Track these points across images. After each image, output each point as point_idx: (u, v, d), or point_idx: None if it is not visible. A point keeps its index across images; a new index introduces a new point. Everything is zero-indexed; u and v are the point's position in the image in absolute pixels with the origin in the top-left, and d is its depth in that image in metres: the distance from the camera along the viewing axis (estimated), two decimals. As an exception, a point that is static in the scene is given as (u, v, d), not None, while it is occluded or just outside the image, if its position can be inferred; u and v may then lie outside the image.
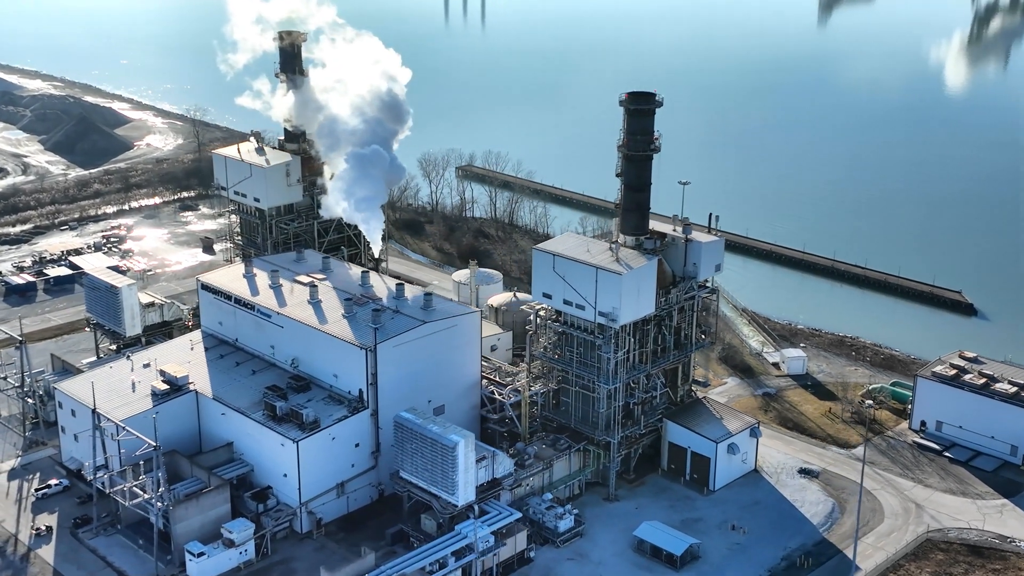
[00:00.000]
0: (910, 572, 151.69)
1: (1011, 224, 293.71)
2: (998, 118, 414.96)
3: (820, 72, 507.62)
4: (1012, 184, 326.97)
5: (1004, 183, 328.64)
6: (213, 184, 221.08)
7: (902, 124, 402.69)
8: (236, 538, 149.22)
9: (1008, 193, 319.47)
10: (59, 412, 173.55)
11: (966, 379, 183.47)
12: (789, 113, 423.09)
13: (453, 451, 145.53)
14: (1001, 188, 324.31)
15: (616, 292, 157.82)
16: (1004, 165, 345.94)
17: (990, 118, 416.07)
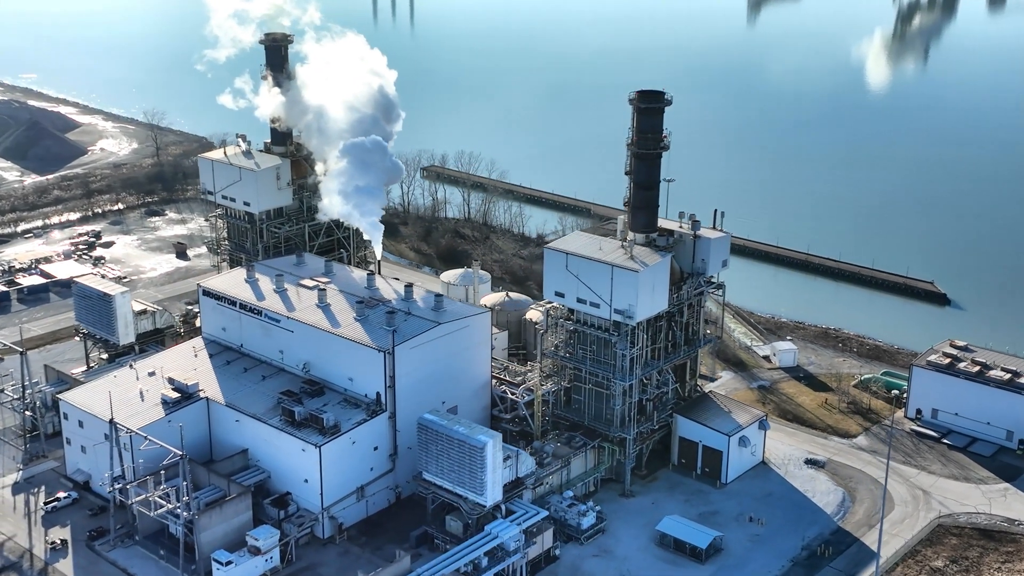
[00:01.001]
0: (927, 557, 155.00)
1: (972, 214, 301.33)
2: (928, 112, 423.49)
3: (750, 69, 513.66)
4: (963, 176, 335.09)
5: (955, 176, 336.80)
6: (200, 188, 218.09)
7: (836, 120, 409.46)
8: (262, 545, 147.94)
9: (962, 186, 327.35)
10: (64, 423, 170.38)
11: (960, 367, 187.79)
12: (722, 110, 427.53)
13: (482, 452, 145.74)
14: (954, 181, 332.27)
15: (633, 289, 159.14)
16: (949, 158, 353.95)
17: (922, 112, 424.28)
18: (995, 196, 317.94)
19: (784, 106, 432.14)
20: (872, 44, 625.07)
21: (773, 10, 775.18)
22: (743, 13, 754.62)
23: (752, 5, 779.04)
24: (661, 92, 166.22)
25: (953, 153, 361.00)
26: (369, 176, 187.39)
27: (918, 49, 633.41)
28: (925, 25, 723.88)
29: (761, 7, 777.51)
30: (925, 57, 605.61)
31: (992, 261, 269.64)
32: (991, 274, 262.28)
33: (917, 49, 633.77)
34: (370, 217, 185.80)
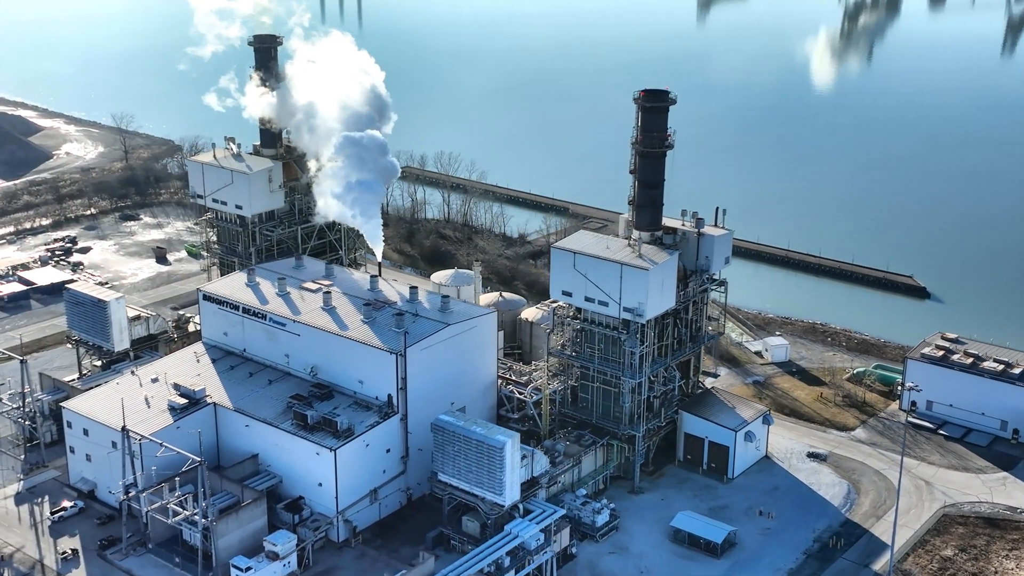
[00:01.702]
0: (936, 547, 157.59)
1: (944, 209, 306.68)
2: (881, 109, 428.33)
3: (702, 67, 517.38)
4: (929, 172, 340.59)
5: (920, 172, 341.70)
6: (189, 192, 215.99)
7: (794, 117, 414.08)
8: (280, 550, 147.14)
9: (930, 181, 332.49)
10: (67, 432, 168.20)
11: (954, 359, 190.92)
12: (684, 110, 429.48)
13: (501, 452, 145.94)
14: (919, 177, 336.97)
15: (643, 287, 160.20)
16: (910, 154, 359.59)
17: (875, 109, 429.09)
18: (964, 191, 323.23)
19: (739, 103, 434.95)
20: (819, 42, 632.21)
21: (723, 9, 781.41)
22: (693, 12, 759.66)
23: (702, 4, 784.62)
24: (666, 91, 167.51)
25: (914, 149, 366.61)
26: (366, 173, 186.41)
27: (865, 47, 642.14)
28: (871, 23, 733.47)
29: (711, 6, 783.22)
30: (869, 55, 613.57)
31: (967, 254, 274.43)
32: (967, 267, 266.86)
33: (864, 47, 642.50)
34: (370, 217, 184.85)
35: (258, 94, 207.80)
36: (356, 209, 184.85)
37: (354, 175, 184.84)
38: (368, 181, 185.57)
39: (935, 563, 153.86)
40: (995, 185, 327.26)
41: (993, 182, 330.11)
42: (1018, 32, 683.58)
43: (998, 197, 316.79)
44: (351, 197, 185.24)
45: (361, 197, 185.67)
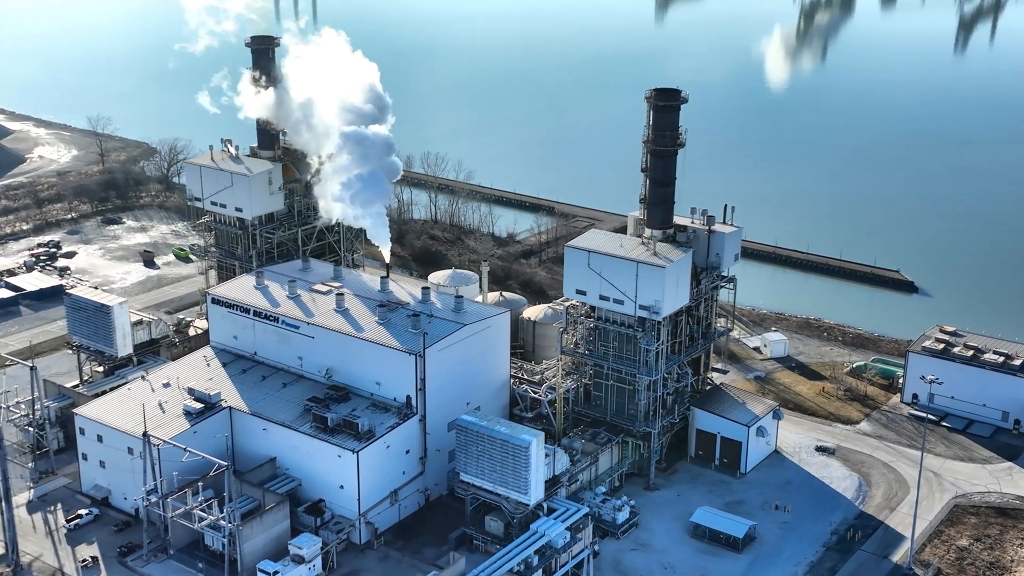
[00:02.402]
0: (951, 537, 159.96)
1: (928, 204, 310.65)
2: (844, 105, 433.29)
3: (661, 66, 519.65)
4: (905, 167, 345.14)
5: (899, 167, 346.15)
6: (187, 195, 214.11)
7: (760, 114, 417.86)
8: (306, 554, 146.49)
9: (907, 176, 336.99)
10: (80, 438, 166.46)
11: (955, 352, 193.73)
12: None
13: (527, 451, 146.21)
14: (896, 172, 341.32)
15: (659, 285, 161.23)
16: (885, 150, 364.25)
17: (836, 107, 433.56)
18: (940, 186, 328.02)
19: (704, 102, 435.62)
20: (775, 41, 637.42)
21: (680, 8, 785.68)
22: (652, 11, 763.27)
23: (660, 4, 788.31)
24: (678, 90, 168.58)
25: (885, 145, 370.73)
26: (371, 169, 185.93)
27: (821, 45, 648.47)
28: (827, 22, 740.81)
29: (668, 5, 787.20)
30: (824, 53, 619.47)
31: (950, 248, 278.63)
32: (951, 260, 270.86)
33: (820, 45, 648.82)
34: (377, 216, 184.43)
35: (256, 95, 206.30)
36: (362, 209, 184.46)
37: (360, 172, 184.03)
38: (374, 179, 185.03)
39: (952, 553, 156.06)
40: (969, 180, 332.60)
41: (967, 177, 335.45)
42: (970, 30, 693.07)
43: (974, 191, 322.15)
44: (356, 196, 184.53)
45: (365, 195, 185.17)
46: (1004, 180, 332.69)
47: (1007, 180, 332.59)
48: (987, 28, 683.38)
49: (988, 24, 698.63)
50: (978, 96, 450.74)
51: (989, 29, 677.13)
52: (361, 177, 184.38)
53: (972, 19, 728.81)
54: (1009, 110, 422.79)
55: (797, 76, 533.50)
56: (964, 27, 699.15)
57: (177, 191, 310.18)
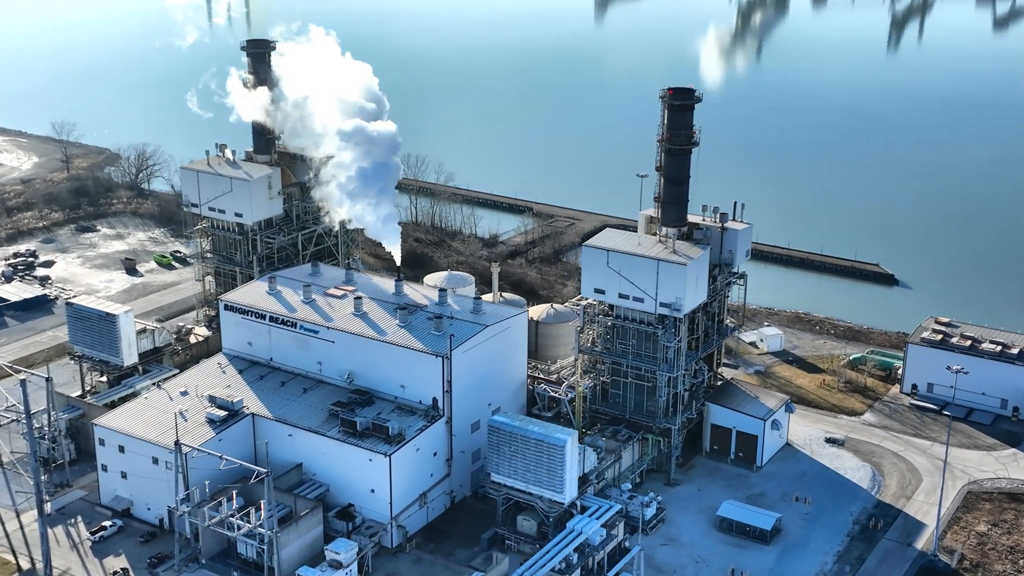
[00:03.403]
0: (969, 523, 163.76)
1: (898, 196, 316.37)
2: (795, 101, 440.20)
3: (607, 66, 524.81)
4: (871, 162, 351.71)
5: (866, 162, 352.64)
6: (183, 201, 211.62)
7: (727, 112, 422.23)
8: (344, 559, 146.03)
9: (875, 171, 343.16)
10: (99, 449, 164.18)
11: (953, 342, 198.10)
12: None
13: (562, 450, 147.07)
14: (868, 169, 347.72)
15: (680, 282, 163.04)
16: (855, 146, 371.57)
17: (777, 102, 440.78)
18: (906, 179, 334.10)
19: None
20: (711, 40, 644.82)
21: (620, 9, 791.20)
22: (591, 12, 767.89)
23: (599, 4, 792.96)
24: (692, 89, 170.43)
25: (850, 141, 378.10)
26: (376, 166, 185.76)
27: (756, 43, 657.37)
28: (763, 21, 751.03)
29: (607, 6, 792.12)
30: (758, 51, 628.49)
31: (924, 240, 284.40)
32: (927, 252, 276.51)
33: (756, 43, 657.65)
34: (387, 218, 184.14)
35: (251, 98, 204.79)
36: (372, 207, 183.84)
37: (367, 168, 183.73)
38: (382, 173, 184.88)
39: (972, 539, 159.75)
40: (930, 174, 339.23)
41: (928, 172, 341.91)
42: (902, 28, 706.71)
43: (938, 185, 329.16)
44: (364, 193, 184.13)
45: (373, 192, 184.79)
46: (966, 173, 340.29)
47: (970, 173, 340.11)
48: (924, 26, 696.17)
49: (925, 22, 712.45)
50: (917, 92, 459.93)
51: (917, 28, 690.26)
52: (367, 172, 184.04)
53: (904, 18, 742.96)
54: (953, 106, 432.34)
55: (735, 74, 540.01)
56: (896, 25, 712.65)
57: (151, 197, 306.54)
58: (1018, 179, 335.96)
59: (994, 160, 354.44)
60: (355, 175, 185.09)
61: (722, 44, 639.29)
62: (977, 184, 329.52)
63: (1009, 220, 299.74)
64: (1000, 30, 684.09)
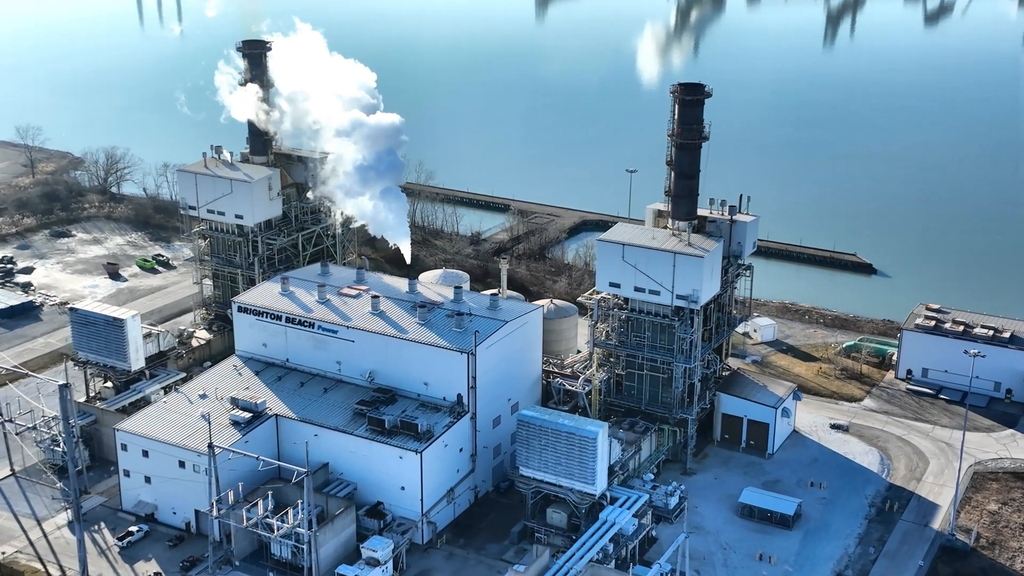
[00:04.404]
0: (980, 502, 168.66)
1: (867, 187, 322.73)
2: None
3: (545, 63, 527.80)
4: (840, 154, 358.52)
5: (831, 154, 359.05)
6: (180, 203, 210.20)
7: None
8: (381, 556, 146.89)
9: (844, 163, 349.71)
10: (121, 455, 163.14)
11: (946, 328, 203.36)
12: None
13: (594, 442, 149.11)
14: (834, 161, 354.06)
15: (697, 274, 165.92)
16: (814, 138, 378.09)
17: None
18: (873, 171, 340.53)
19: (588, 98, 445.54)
20: (648, 37, 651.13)
21: (560, 6, 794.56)
22: (532, 10, 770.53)
23: (539, 2, 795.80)
24: (702, 85, 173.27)
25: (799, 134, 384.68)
26: (378, 158, 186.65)
27: (698, 39, 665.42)
28: (700, 18, 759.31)
29: (548, 4, 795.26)
30: (696, 47, 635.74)
31: (896, 228, 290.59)
32: (901, 240, 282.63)
33: (697, 39, 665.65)
34: (397, 211, 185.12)
35: (248, 99, 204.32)
36: (381, 201, 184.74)
37: (374, 162, 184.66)
38: (383, 168, 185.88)
39: (985, 517, 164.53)
40: (893, 163, 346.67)
41: (885, 159, 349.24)
42: (837, 24, 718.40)
43: (897, 172, 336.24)
44: (366, 188, 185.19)
45: (376, 186, 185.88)
46: (921, 163, 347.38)
47: (924, 163, 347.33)
48: (856, 22, 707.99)
49: (857, 18, 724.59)
50: (859, 84, 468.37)
51: (850, 24, 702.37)
52: (370, 166, 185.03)
53: (839, 14, 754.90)
54: (894, 95, 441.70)
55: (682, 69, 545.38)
56: (832, 21, 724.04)
57: (124, 201, 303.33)
58: (974, 167, 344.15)
59: (948, 149, 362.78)
60: (356, 169, 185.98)
61: (659, 41, 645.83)
62: (934, 173, 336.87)
63: (970, 205, 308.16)
64: (931, 25, 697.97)
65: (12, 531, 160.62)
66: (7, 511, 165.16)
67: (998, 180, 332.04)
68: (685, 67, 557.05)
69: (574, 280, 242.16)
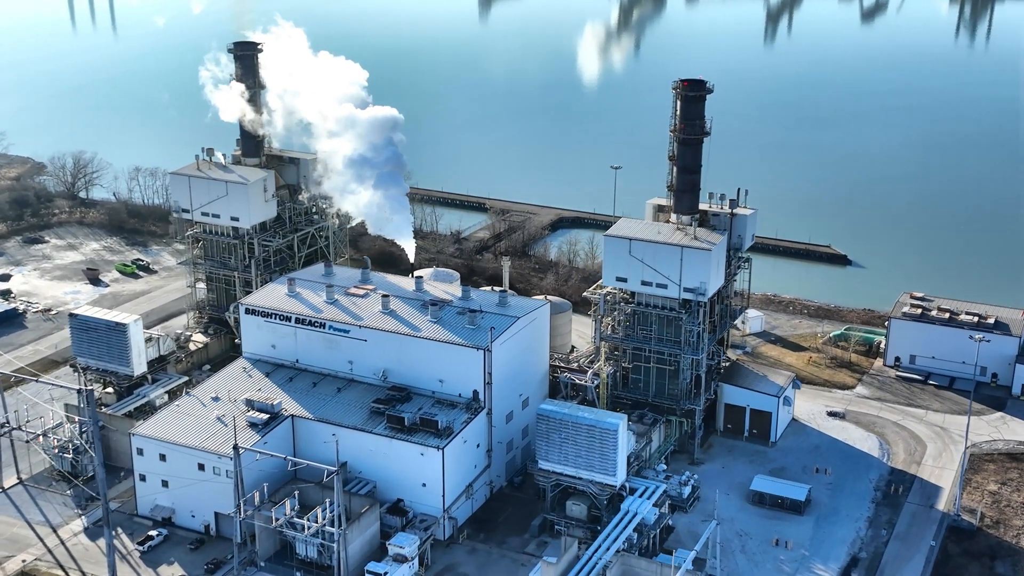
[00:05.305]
0: (980, 483, 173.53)
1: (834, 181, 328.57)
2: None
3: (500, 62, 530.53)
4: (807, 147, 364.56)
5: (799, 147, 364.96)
6: (173, 206, 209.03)
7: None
8: (408, 552, 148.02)
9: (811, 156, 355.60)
10: (137, 459, 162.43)
11: (933, 315, 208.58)
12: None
13: (615, 434, 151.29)
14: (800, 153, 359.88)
15: (705, 267, 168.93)
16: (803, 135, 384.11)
17: None
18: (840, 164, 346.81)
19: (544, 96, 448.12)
20: (589, 37, 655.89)
21: (503, 6, 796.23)
22: (475, 11, 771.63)
23: (483, 3, 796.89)
24: (704, 81, 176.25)
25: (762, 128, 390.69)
26: (383, 158, 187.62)
27: (639, 37, 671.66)
28: (642, 17, 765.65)
29: (491, 4, 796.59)
30: (636, 45, 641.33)
31: (866, 219, 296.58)
32: (870, 230, 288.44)
33: (638, 37, 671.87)
34: (401, 211, 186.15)
35: (240, 99, 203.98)
36: (383, 197, 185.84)
37: (369, 163, 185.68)
38: (381, 161, 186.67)
39: (987, 498, 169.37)
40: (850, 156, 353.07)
41: (849, 154, 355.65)
42: (777, 21, 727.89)
43: (862, 165, 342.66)
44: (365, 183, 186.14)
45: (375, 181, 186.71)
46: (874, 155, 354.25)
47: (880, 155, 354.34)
48: (793, 20, 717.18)
49: (794, 16, 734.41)
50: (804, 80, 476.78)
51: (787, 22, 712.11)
52: (371, 160, 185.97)
53: (778, 12, 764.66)
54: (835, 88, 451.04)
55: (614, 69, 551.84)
56: (772, 19, 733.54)
57: (96, 206, 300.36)
58: (922, 158, 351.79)
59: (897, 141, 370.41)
60: (352, 164, 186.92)
61: (600, 40, 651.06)
62: (888, 164, 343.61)
63: (927, 195, 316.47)
64: (867, 22, 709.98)
65: (28, 539, 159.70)
66: (20, 519, 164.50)
67: (946, 169, 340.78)
68: (626, 66, 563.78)
69: (560, 277, 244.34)
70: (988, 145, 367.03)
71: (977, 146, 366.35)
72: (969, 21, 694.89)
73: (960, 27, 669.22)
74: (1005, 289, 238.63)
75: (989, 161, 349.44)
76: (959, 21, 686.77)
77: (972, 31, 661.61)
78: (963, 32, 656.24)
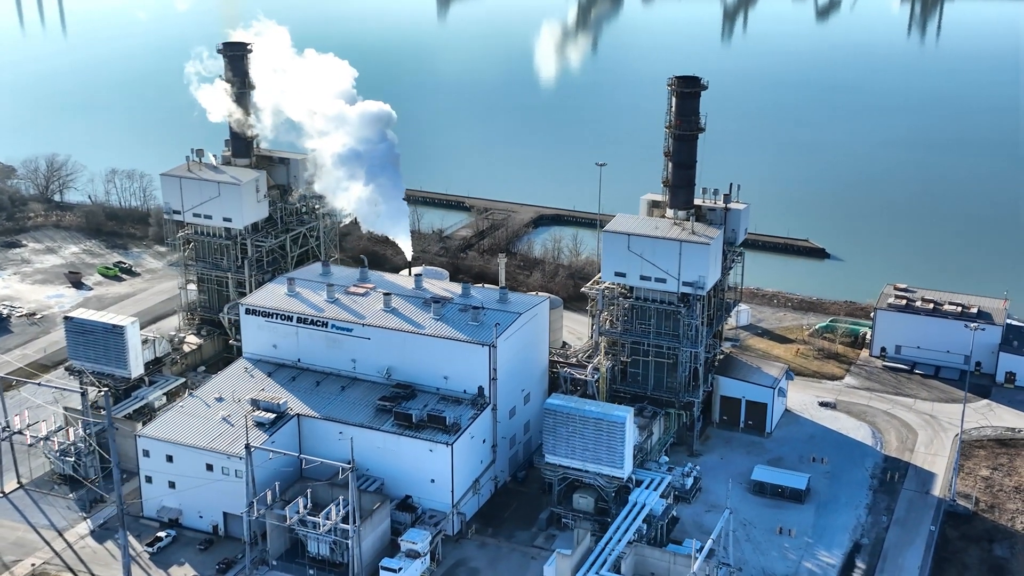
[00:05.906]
0: (972, 469, 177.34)
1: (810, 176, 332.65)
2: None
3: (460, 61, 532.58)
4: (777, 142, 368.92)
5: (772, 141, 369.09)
6: (164, 208, 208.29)
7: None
8: (420, 548, 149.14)
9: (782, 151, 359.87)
10: (143, 461, 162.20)
11: (917, 306, 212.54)
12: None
13: (622, 427, 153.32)
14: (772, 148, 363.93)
15: (704, 261, 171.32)
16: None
17: None
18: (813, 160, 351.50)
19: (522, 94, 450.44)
20: (547, 36, 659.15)
21: (461, 7, 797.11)
22: (434, 10, 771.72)
23: (441, 2, 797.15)
24: (698, 78, 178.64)
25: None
26: (367, 147, 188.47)
27: (596, 36, 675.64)
28: (600, 15, 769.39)
29: (449, 3, 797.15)
30: (594, 44, 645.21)
31: (842, 213, 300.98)
32: (846, 224, 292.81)
33: (596, 36, 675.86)
34: (398, 212, 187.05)
35: (228, 99, 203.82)
36: (379, 194, 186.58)
37: (373, 152, 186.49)
38: (373, 157, 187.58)
39: (980, 483, 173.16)
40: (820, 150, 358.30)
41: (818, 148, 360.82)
42: (734, 20, 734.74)
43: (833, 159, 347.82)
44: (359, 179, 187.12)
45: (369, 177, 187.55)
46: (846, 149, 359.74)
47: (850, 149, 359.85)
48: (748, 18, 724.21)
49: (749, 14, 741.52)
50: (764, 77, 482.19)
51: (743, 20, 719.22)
52: (364, 155, 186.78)
53: (735, 10, 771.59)
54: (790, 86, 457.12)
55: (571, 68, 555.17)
56: (729, 17, 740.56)
57: (72, 210, 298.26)
58: (888, 152, 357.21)
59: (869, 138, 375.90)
60: (344, 159, 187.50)
61: (558, 39, 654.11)
62: (860, 160, 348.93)
63: (896, 189, 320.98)
64: (822, 20, 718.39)
65: (33, 543, 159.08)
66: (23, 523, 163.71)
67: (913, 164, 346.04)
68: (584, 64, 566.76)
69: (547, 274, 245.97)
70: (950, 140, 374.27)
71: (941, 141, 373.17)
72: (920, 19, 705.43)
73: (912, 25, 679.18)
74: (981, 280, 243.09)
75: (953, 155, 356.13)
76: (910, 19, 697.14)
77: (923, 28, 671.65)
78: (915, 29, 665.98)
